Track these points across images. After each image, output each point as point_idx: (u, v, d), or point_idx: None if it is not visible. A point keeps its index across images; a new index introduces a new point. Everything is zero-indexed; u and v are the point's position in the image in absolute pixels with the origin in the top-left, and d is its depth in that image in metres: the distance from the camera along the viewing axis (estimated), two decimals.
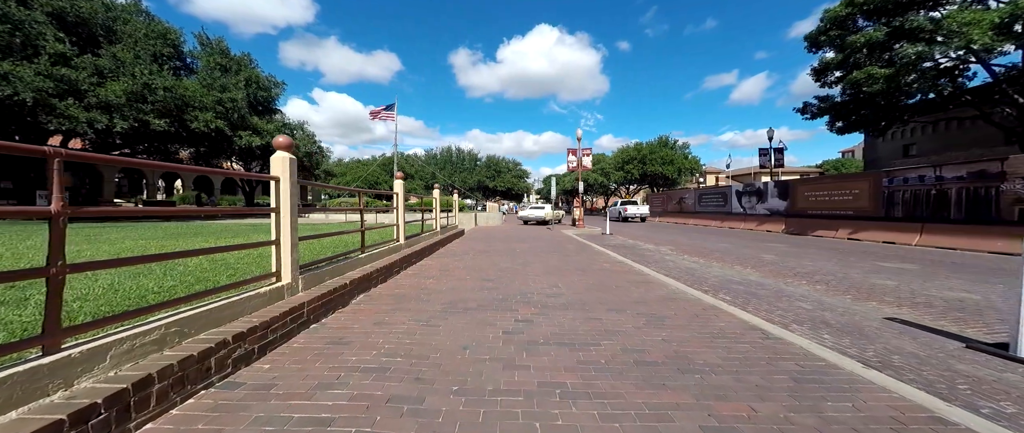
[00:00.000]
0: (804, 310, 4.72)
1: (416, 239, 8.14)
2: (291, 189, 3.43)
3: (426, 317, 3.70)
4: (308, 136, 30.60)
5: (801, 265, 8.20)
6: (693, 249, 11.19)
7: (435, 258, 7.88)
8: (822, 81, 18.04)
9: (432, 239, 9.10)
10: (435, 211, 10.25)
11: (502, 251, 9.28)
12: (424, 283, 5.36)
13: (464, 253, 8.76)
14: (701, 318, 3.85)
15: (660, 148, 41.25)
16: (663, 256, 9.83)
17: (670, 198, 29.89)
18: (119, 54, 14.67)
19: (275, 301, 3.21)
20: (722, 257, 9.50)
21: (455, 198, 14.04)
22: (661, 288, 5.32)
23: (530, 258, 8.11)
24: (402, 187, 6.89)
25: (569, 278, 5.95)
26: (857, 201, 13.29)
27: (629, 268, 7.14)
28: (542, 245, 10.96)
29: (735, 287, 5.97)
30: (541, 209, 23.97)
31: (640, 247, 11.91)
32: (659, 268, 7.68)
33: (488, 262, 7.43)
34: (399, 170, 39.52)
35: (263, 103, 22.40)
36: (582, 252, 9.44)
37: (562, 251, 9.54)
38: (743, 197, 19.83)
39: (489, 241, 12.04)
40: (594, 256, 8.76)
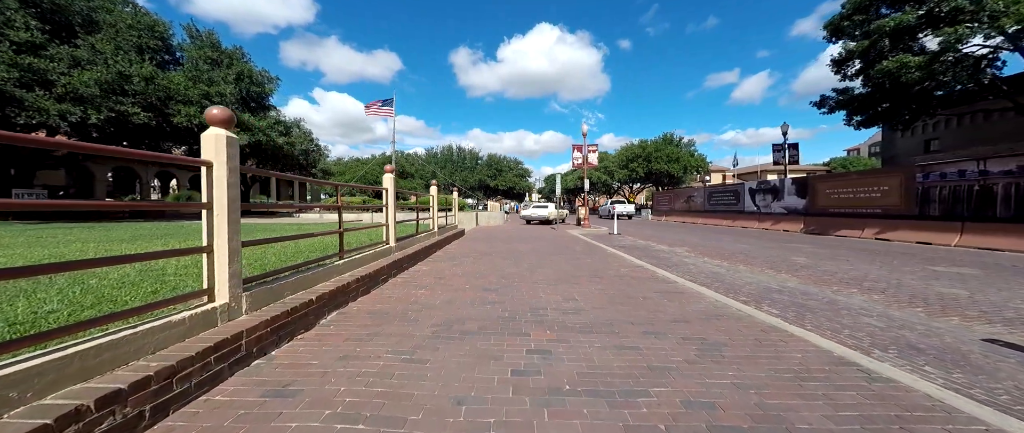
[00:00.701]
0: (876, 329, 3.86)
1: (410, 241, 7.28)
2: (228, 178, 2.57)
3: (411, 347, 2.84)
4: (305, 134, 29.77)
5: (840, 269, 7.32)
6: (712, 250, 10.31)
7: (430, 262, 7.03)
8: (842, 73, 17.10)
9: (428, 240, 8.25)
10: (432, 210, 9.40)
11: (505, 253, 8.42)
12: (414, 295, 4.50)
13: (463, 256, 7.90)
14: (766, 345, 2.98)
15: (665, 146, 40.26)
16: (681, 258, 8.96)
17: (677, 196, 28.98)
18: (98, 44, 13.83)
19: (202, 329, 2.36)
20: (747, 260, 8.62)
21: (454, 196, 13.20)
22: (697, 300, 4.45)
23: (536, 262, 7.25)
24: (392, 183, 6.03)
25: (584, 287, 5.09)
26: (886, 198, 12.39)
27: (650, 274, 6.27)
28: (548, 246, 10.10)
29: (779, 297, 5.10)
30: (544, 208, 23.10)
31: (653, 248, 11.03)
32: (682, 273, 6.82)
33: (490, 267, 6.57)
34: (397, 167, 38.50)
35: (256, 99, 21.52)
36: (592, 254, 8.57)
37: (570, 253, 8.68)
38: (757, 195, 18.91)
39: (491, 242, 11.18)
40: (607, 259, 7.89)
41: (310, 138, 30.35)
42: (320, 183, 4.70)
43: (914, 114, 15.71)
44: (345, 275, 4.21)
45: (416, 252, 6.80)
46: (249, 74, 20.06)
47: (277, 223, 15.04)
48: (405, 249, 6.66)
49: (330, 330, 3.18)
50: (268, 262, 4.12)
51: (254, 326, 2.55)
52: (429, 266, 6.60)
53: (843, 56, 16.25)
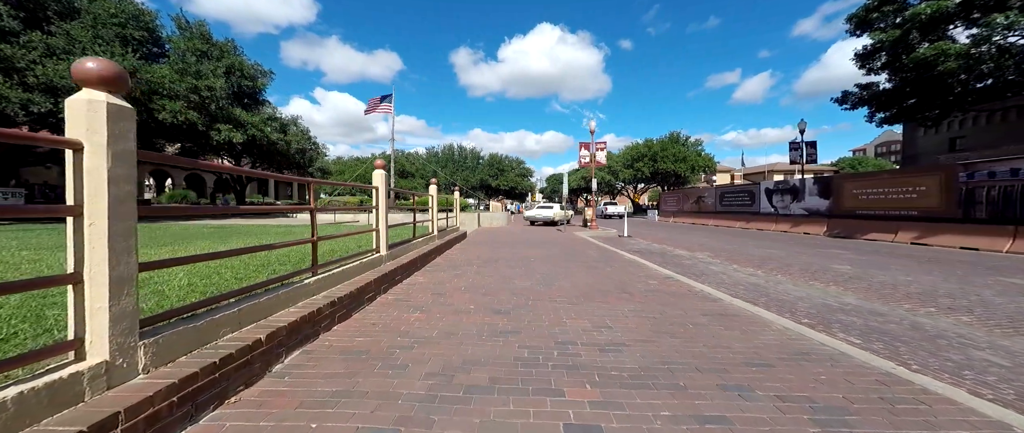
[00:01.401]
0: (1003, 370, 2.97)
1: (405, 248, 6.38)
2: (112, 168, 1.68)
3: (393, 416, 1.94)
4: (302, 131, 28.94)
5: (897, 280, 6.40)
6: (738, 256, 9.38)
7: (428, 273, 6.12)
8: (867, 66, 16.15)
9: (427, 245, 7.35)
10: (432, 211, 8.50)
11: (513, 261, 7.51)
12: (406, 321, 3.59)
13: (466, 263, 7.00)
14: (906, 410, 2.07)
15: (672, 145, 39.24)
16: (707, 266, 8.05)
17: (686, 197, 28.03)
18: (74, 32, 12.95)
19: (55, 409, 1.46)
20: (782, 268, 7.69)
21: (456, 196, 12.30)
22: (760, 327, 3.54)
23: (551, 271, 6.33)
24: (384, 181, 5.13)
25: (615, 306, 4.18)
26: (924, 200, 11.45)
27: (684, 287, 5.37)
28: (558, 251, 9.19)
29: (847, 319, 4.21)
30: (549, 209, 22.19)
31: (672, 253, 10.12)
32: (718, 285, 5.93)
33: (497, 279, 5.67)
34: (397, 167, 37.81)
35: (248, 94, 20.60)
36: (610, 262, 7.66)
37: (585, 260, 7.77)
38: (774, 196, 17.97)
39: (495, 246, 10.27)
40: (627, 267, 6.97)
41: (308, 137, 29.52)
42: (287, 179, 3.82)
43: (945, 109, 14.75)
44: (318, 297, 3.31)
45: (412, 261, 5.90)
46: (240, 67, 19.10)
47: (270, 224, 14.21)
48: (399, 258, 5.76)
49: (283, 386, 2.27)
50: (211, 285, 3.24)
51: (151, 396, 1.65)
52: (427, 278, 5.69)
53: (869, 49, 15.30)
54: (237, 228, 11.23)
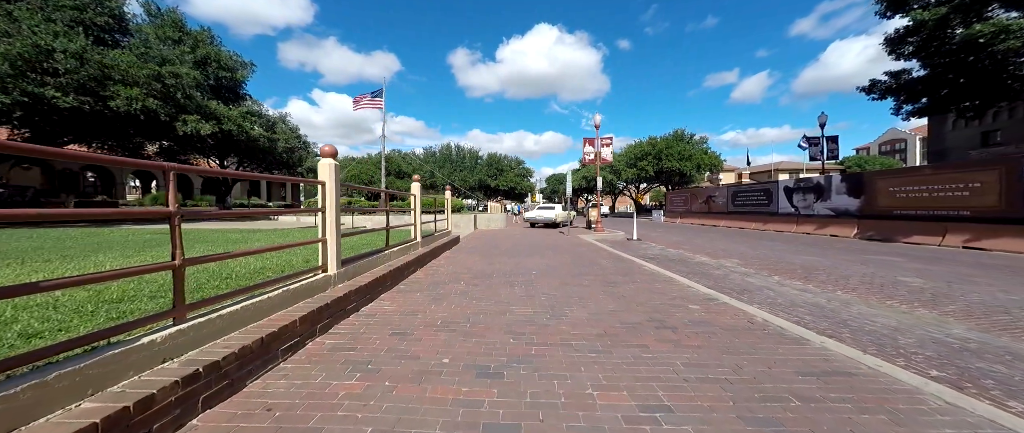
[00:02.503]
0: None
1: (373, 260, 4.99)
2: None
3: None
4: (291, 130, 27.55)
5: (999, 300, 5.02)
6: (774, 265, 7.99)
7: (400, 294, 4.74)
8: (898, 52, 14.78)
9: (404, 256, 5.97)
10: (414, 214, 7.12)
11: (510, 275, 6.13)
12: (328, 396, 2.22)
13: (452, 279, 5.62)
14: None
15: (676, 143, 37.84)
16: (744, 279, 6.69)
17: (695, 196, 26.64)
18: (17, 12, 11.52)
19: None
20: (837, 282, 6.31)
21: (447, 196, 10.91)
22: (907, 400, 2.15)
23: (558, 291, 4.95)
24: (333, 173, 3.71)
25: (661, 355, 2.80)
26: (978, 198, 10.07)
27: (742, 316, 3.99)
28: (565, 261, 7.80)
29: (995, 372, 2.83)
30: (551, 209, 20.81)
31: (693, 261, 8.74)
32: (775, 308, 4.61)
33: (489, 304, 4.28)
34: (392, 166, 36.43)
35: (227, 86, 19.13)
36: (629, 274, 6.28)
37: (599, 272, 6.39)
38: (795, 195, 16.58)
39: (490, 255, 8.88)
40: (653, 283, 5.59)
41: (297, 135, 28.14)
42: (245, 177, 2.48)
43: (989, 98, 13.36)
44: (167, 366, 1.93)
45: (379, 279, 4.52)
46: (217, 58, 17.64)
47: (252, 228, 12.84)
48: (358, 277, 4.38)
49: None
50: None
51: None
52: (396, 303, 4.31)
53: (903, 32, 13.90)
54: (194, 233, 9.84)
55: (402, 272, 5.31)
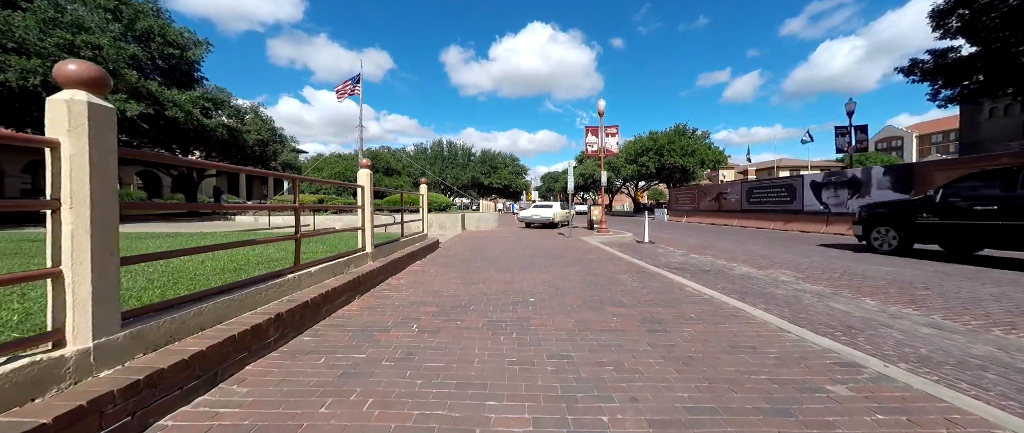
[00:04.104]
0: None
1: (256, 293, 2.89)
2: None
3: None
4: (263, 121, 25.21)
5: None
6: (846, 281, 5.98)
7: (279, 361, 2.64)
8: (944, 27, 12.91)
9: (326, 282, 3.88)
10: (362, 214, 5.01)
11: (497, 307, 4.06)
12: None
13: (400, 322, 3.54)
14: None
15: (678, 137, 35.93)
16: (828, 304, 4.72)
17: (703, 194, 24.73)
18: None
19: None
20: (988, 316, 4.29)
21: (422, 191, 8.81)
22: None
23: (580, 355, 2.85)
24: None
25: None
26: None
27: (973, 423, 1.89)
28: (574, 276, 5.75)
29: None
30: (548, 208, 18.77)
31: (733, 272, 6.74)
32: (1000, 395, 2.49)
33: (441, 408, 2.20)
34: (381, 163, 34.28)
35: (178, 68, 16.71)
36: (677, 305, 4.22)
37: (628, 299, 4.33)
38: (825, 190, 14.69)
39: (473, 268, 6.81)
40: (717, 320, 3.52)
41: (271, 127, 25.79)
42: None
43: None
44: None
45: (252, 332, 2.43)
46: (162, 33, 15.22)
47: (197, 228, 10.62)
48: (187, 342, 2.27)
49: None
50: None
51: None
52: (241, 403, 2.21)
53: (952, 2, 12.01)
54: None
55: (313, 311, 3.21)
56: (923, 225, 7.93)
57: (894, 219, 8.46)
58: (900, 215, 8.37)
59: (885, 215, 8.72)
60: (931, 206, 7.83)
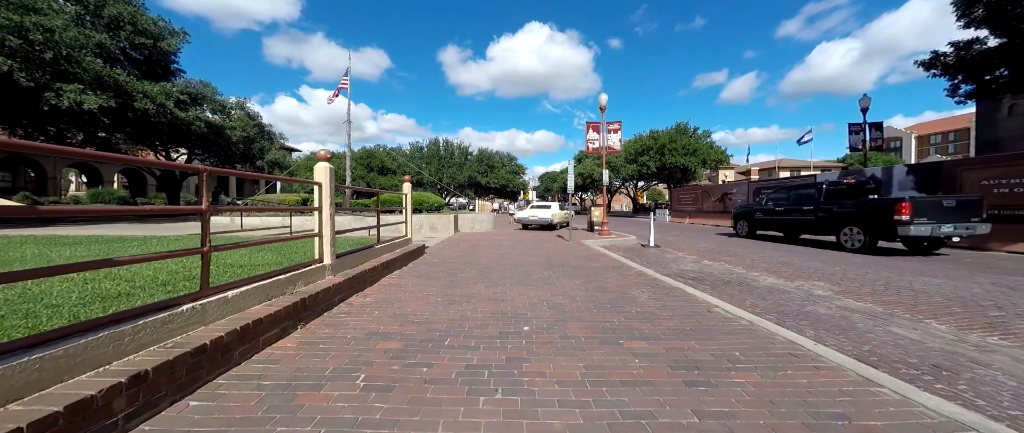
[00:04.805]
0: None
1: (156, 325, 1.98)
2: None
3: None
4: (250, 117, 24.21)
5: None
6: (886, 293, 5.09)
7: None
8: (969, 16, 12.08)
9: (275, 304, 2.97)
10: (320, 217, 4.07)
11: (479, 340, 3.15)
12: None
13: (343, 372, 2.63)
14: None
15: (679, 136, 35.07)
16: (888, 329, 3.89)
17: (707, 194, 23.88)
18: None
19: None
20: None
21: (406, 189, 7.87)
22: None
23: (581, 419, 1.94)
24: None
25: None
26: None
27: None
28: (578, 291, 4.84)
29: None
30: (546, 209, 17.88)
31: (758, 283, 5.86)
32: None
33: None
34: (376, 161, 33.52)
35: (152, 59, 15.61)
36: (709, 334, 3.32)
37: (648, 326, 3.42)
38: None
39: (459, 280, 5.91)
40: (770, 358, 2.61)
41: (257, 124, 24.78)
42: None
43: None
44: None
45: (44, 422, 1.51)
46: (132, 20, 14.18)
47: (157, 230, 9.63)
48: None
49: None
50: None
51: None
52: None
53: None
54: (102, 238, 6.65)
55: (217, 356, 2.29)
56: (759, 220, 12.68)
57: (746, 216, 13.28)
58: (749, 213, 13.17)
59: (742, 213, 13.58)
60: (763, 208, 12.52)
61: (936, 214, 8.20)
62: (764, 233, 13.36)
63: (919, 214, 8.12)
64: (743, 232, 13.34)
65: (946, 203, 8.34)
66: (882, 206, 8.72)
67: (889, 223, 8.38)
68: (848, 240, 9.45)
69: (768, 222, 12.20)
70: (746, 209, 13.58)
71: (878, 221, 8.70)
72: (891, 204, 8.45)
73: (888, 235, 8.56)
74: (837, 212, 9.84)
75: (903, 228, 8.15)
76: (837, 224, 9.75)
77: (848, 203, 9.71)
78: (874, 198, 9.59)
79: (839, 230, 9.68)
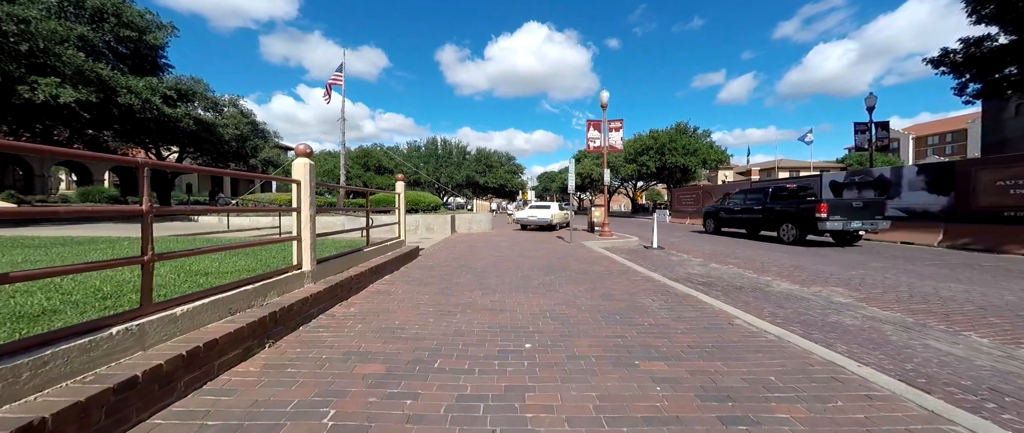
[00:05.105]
0: None
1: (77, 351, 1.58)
2: None
3: None
4: (243, 114, 23.69)
5: None
6: (913, 300, 4.72)
7: None
8: (979, 12, 11.77)
9: (237, 320, 2.57)
10: (299, 218, 3.66)
11: (476, 346, 2.76)
12: None
13: (313, 402, 2.24)
14: None
15: (679, 136, 34.73)
16: (927, 343, 3.50)
17: (708, 194, 23.53)
18: None
19: None
20: None
21: (399, 188, 7.47)
22: None
23: None
24: None
25: None
26: None
27: None
28: (583, 300, 4.44)
29: None
30: (545, 209, 17.50)
31: (771, 288, 5.49)
32: None
33: None
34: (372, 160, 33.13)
35: (139, 53, 15.07)
36: (734, 353, 2.92)
37: (665, 341, 3.03)
38: (846, 191, 13.50)
39: (453, 284, 5.52)
40: (803, 375, 2.21)
41: (251, 121, 24.27)
42: None
43: None
44: None
45: None
46: (117, 12, 13.65)
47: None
48: None
49: None
50: None
51: None
52: None
53: None
54: None
55: (153, 391, 1.89)
56: (722, 219, 14.42)
57: (713, 216, 15.18)
58: (715, 213, 15.06)
59: (710, 213, 15.63)
60: (726, 208, 14.36)
61: (847, 213, 10.02)
62: (727, 230, 14.98)
63: (834, 213, 9.93)
64: (710, 229, 15.40)
65: (855, 204, 10.17)
66: (808, 207, 10.43)
67: (813, 220, 10.11)
68: (785, 234, 11.20)
69: (729, 220, 14.00)
70: (713, 209, 15.46)
71: (806, 219, 10.42)
72: (814, 205, 10.19)
73: (813, 230, 10.22)
74: (778, 211, 11.59)
75: (822, 224, 9.94)
76: (778, 221, 11.50)
77: (786, 205, 11.45)
78: (811, 199, 11.08)
79: (779, 226, 11.43)
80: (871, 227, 10.04)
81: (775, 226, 11.53)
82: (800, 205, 10.76)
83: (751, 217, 12.79)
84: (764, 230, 12.41)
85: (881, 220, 10.04)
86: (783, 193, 11.93)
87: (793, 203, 11.17)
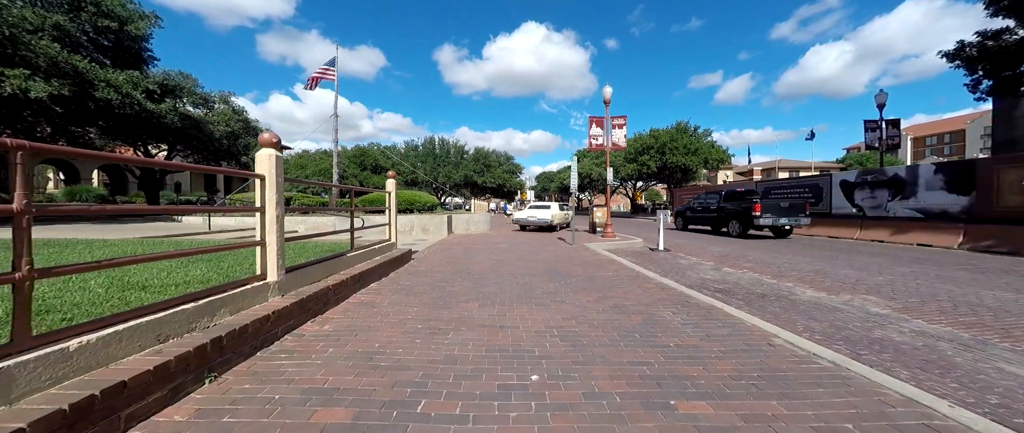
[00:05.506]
0: None
1: None
2: None
3: None
4: (234, 111, 23.05)
5: None
6: (963, 313, 4.20)
7: None
8: (997, 3, 11.30)
9: (166, 351, 2.02)
10: (263, 217, 3.09)
11: (470, 378, 2.21)
12: None
13: None
14: None
15: (680, 135, 34.24)
16: (1001, 367, 2.92)
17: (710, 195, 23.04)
18: None
19: None
20: None
21: (390, 187, 6.90)
22: None
23: None
24: None
25: None
26: None
27: None
28: (591, 314, 3.90)
29: None
30: (545, 209, 16.96)
31: (796, 297, 4.95)
32: None
33: None
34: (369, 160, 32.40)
35: (121, 43, 14.35)
36: (765, 366, 2.37)
37: (687, 360, 2.48)
38: (858, 190, 13.03)
39: (447, 293, 4.97)
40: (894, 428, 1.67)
41: (242, 119, 23.62)
42: None
43: None
44: None
45: None
46: (95, 1, 13.01)
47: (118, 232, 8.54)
48: None
49: None
50: None
51: None
52: None
53: None
54: None
55: None
56: (688, 217, 16.45)
57: (681, 214, 17.17)
58: (683, 212, 17.09)
59: (680, 212, 17.58)
60: (691, 208, 16.40)
61: (776, 212, 12.17)
62: (694, 227, 16.90)
63: (765, 212, 12.05)
64: (679, 226, 17.52)
65: (783, 204, 12.42)
66: (746, 207, 12.58)
67: (751, 218, 12.20)
68: (731, 230, 13.31)
69: (694, 218, 16.15)
70: (682, 209, 17.76)
71: (745, 216, 12.53)
72: (750, 205, 12.33)
73: (752, 225, 12.30)
74: (727, 210, 13.71)
75: (756, 220, 12.03)
76: (727, 219, 13.58)
77: (734, 205, 13.47)
78: (751, 200, 12.76)
79: (728, 223, 13.50)
80: (796, 223, 12.19)
81: (726, 223, 13.50)
82: (742, 205, 12.82)
83: (709, 216, 14.85)
84: (719, 226, 14.20)
85: (804, 217, 12.11)
86: (733, 195, 14.00)
87: (738, 204, 13.21)
